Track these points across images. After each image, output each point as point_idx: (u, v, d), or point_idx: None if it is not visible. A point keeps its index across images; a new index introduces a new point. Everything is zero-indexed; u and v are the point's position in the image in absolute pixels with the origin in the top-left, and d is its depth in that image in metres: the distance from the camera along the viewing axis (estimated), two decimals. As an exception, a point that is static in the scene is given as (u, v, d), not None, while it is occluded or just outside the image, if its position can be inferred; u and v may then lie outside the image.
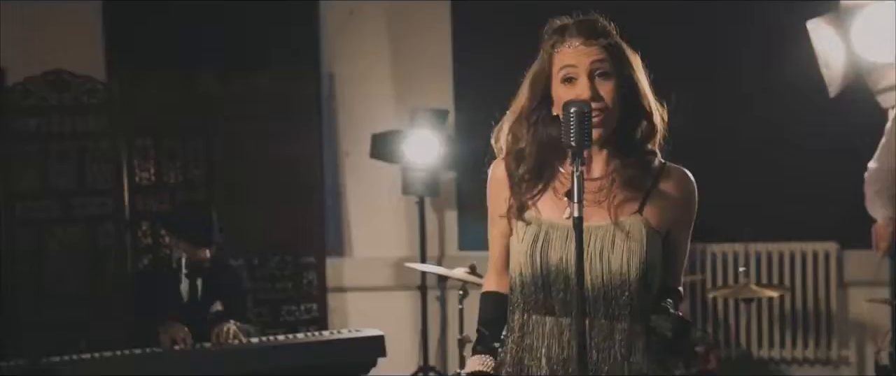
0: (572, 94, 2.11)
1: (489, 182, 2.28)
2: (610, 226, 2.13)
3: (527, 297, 2.18)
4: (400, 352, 5.05)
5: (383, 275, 5.56)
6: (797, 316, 5.40)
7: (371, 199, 5.62)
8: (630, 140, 2.17)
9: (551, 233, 2.13)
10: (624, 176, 2.15)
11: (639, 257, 2.11)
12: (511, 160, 2.21)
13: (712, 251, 5.41)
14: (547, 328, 2.17)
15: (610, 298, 2.12)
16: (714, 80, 5.34)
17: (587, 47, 2.13)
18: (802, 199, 5.29)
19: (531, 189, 2.18)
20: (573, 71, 2.13)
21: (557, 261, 2.12)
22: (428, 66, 5.60)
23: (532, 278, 2.15)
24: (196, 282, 4.23)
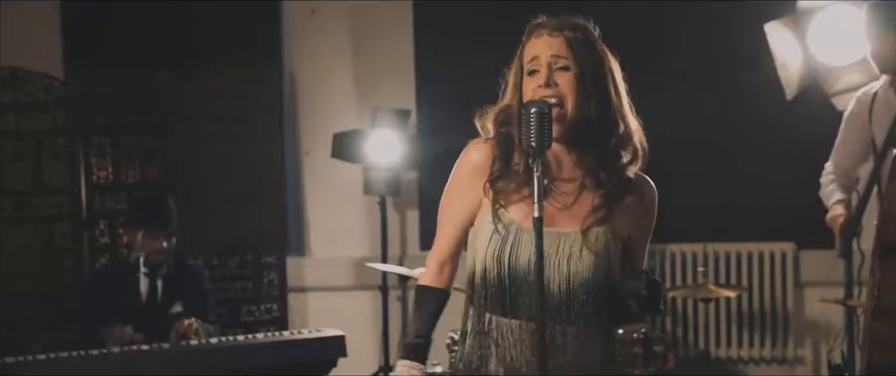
0: (533, 85, 2.13)
1: (465, 163, 2.22)
2: (577, 233, 2.13)
3: (491, 298, 2.17)
4: (361, 353, 5.04)
5: (344, 274, 5.55)
6: (754, 316, 5.46)
7: (332, 199, 5.60)
8: (602, 146, 2.16)
9: (521, 236, 2.13)
10: (594, 181, 2.16)
11: (604, 267, 2.14)
12: (497, 145, 2.19)
13: (671, 251, 5.46)
14: (511, 330, 2.16)
15: (574, 302, 2.13)
16: (672, 80, 5.38)
17: (551, 38, 2.16)
18: (760, 200, 5.35)
19: (509, 181, 2.16)
20: (536, 62, 2.15)
21: (525, 265, 2.12)
22: (390, 66, 5.60)
23: (498, 280, 2.14)
24: (156, 281, 4.20)
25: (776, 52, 4.30)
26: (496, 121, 2.20)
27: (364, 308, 5.54)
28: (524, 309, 2.14)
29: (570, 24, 2.18)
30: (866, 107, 3.93)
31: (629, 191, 2.19)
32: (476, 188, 2.19)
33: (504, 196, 2.16)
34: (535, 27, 2.19)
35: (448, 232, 2.24)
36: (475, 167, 2.20)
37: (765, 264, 5.45)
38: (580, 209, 2.15)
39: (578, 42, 2.16)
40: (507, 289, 2.14)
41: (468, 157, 2.22)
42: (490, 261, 2.14)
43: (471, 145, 2.23)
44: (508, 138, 2.18)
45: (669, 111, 5.37)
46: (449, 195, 2.24)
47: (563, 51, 2.15)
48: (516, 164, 2.16)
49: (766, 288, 5.45)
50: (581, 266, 2.12)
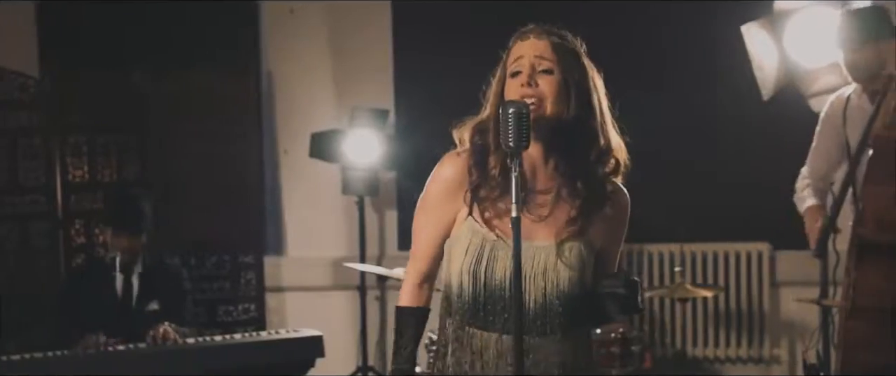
0: (515, 86, 2.13)
1: (439, 176, 2.21)
2: (552, 245, 2.13)
3: (465, 311, 2.16)
4: (339, 353, 5.03)
5: (322, 274, 5.54)
6: (731, 316, 5.49)
7: (310, 199, 5.59)
8: (580, 155, 2.16)
9: (496, 251, 2.12)
10: (570, 191, 2.16)
11: (579, 279, 2.13)
12: (472, 155, 2.18)
13: (648, 251, 5.48)
14: (487, 344, 2.16)
15: (549, 315, 2.13)
16: (649, 81, 5.40)
17: (537, 40, 2.17)
18: (736, 201, 5.38)
19: (488, 189, 2.15)
20: (520, 62, 2.15)
21: (501, 280, 2.11)
22: (368, 66, 5.59)
23: (473, 295, 2.14)
24: (132, 279, 4.18)
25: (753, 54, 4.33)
26: (473, 132, 2.19)
27: (342, 308, 5.53)
28: (500, 323, 2.13)
29: (557, 32, 2.19)
30: (840, 111, 3.96)
31: (605, 201, 2.19)
32: (451, 202, 2.18)
33: (486, 205, 2.15)
34: (521, 33, 2.20)
35: (424, 247, 2.23)
36: (449, 181, 2.19)
37: (741, 264, 5.48)
38: (555, 221, 2.15)
39: (563, 49, 2.16)
40: (483, 305, 2.13)
41: (442, 172, 2.20)
42: (465, 276, 2.13)
43: (444, 159, 2.22)
44: (483, 147, 2.17)
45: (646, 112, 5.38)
46: (424, 210, 2.23)
47: (547, 53, 2.15)
48: (492, 168, 2.15)
49: (743, 288, 5.48)
50: (557, 279, 2.12)
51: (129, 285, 4.18)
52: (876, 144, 3.66)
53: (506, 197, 2.13)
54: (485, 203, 2.15)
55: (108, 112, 5.18)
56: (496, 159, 2.15)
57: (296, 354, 4.07)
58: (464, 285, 2.14)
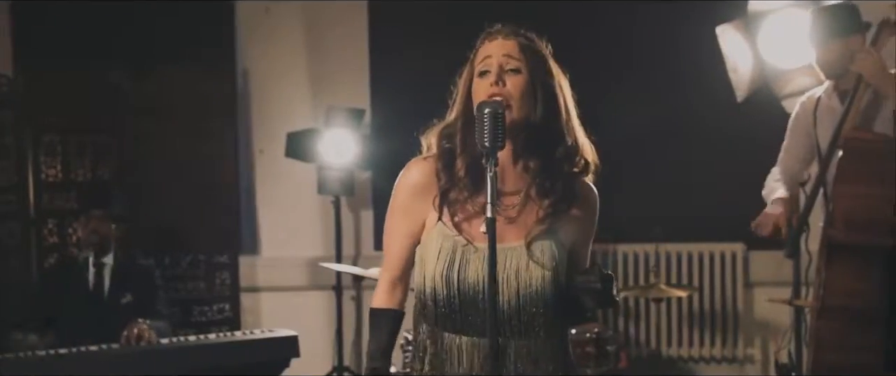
0: (483, 85, 2.13)
1: (406, 182, 2.21)
2: (523, 246, 2.13)
3: (440, 315, 2.16)
4: (314, 353, 5.02)
5: (298, 274, 5.52)
6: (705, 316, 5.53)
7: (285, 198, 5.58)
8: (548, 155, 2.16)
9: (468, 255, 2.12)
10: (539, 191, 2.16)
11: (552, 278, 2.13)
12: (439, 159, 2.18)
13: (623, 251, 5.50)
14: (461, 347, 2.15)
15: (524, 316, 2.13)
16: (623, 82, 5.43)
17: (505, 40, 2.17)
18: (710, 201, 5.41)
19: (458, 192, 2.15)
20: (488, 62, 2.15)
21: (474, 283, 2.11)
22: (344, 66, 5.58)
23: (447, 299, 2.13)
24: (103, 274, 4.17)
25: (727, 55, 4.36)
26: (440, 137, 2.19)
27: (318, 308, 5.51)
28: (474, 326, 2.13)
29: (524, 32, 2.20)
30: (810, 111, 3.99)
31: (574, 200, 2.19)
32: (419, 207, 2.18)
33: (455, 208, 2.15)
34: (488, 33, 2.20)
35: (395, 253, 2.23)
36: (416, 186, 2.19)
37: (715, 264, 5.51)
38: (525, 222, 2.15)
39: (531, 49, 2.17)
40: (457, 308, 2.13)
41: (408, 178, 2.21)
42: (439, 280, 2.13)
43: (410, 165, 2.22)
44: (450, 151, 2.17)
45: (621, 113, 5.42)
46: (393, 216, 2.23)
47: (515, 52, 2.15)
48: (459, 170, 2.15)
49: (717, 288, 5.51)
50: (530, 279, 2.12)
51: (101, 279, 4.18)
52: (846, 145, 3.69)
53: (474, 199, 2.14)
54: (454, 207, 2.15)
55: (82, 111, 5.15)
56: (463, 162, 2.15)
57: (271, 354, 4.05)
58: (437, 290, 2.14)
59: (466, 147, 2.16)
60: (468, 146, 2.15)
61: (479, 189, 2.13)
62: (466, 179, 2.14)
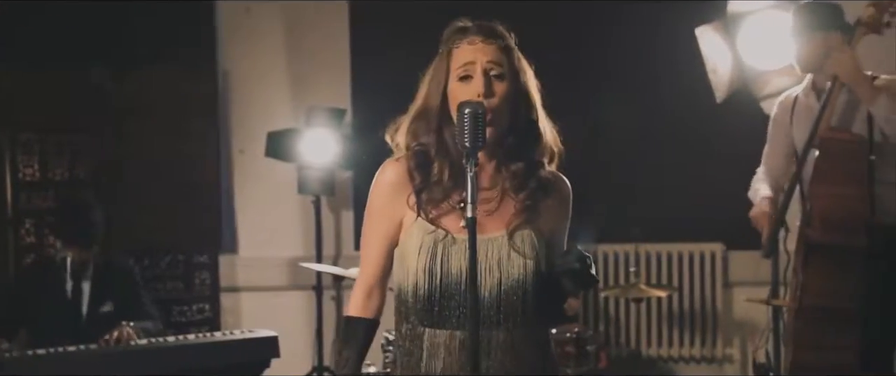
0: (468, 91, 2.12)
1: (380, 183, 2.21)
2: (504, 237, 2.15)
3: (420, 310, 2.16)
4: (294, 353, 5.01)
5: (278, 274, 5.51)
6: (684, 315, 5.55)
7: (266, 198, 5.56)
8: (520, 151, 2.18)
9: (449, 247, 2.13)
10: (516, 185, 2.18)
11: (534, 267, 2.15)
12: (412, 158, 2.18)
13: (603, 251, 5.52)
14: (440, 341, 2.16)
15: (505, 306, 2.14)
16: (604, 83, 5.45)
17: (485, 45, 2.16)
18: (690, 202, 5.44)
19: (433, 191, 2.16)
20: (471, 68, 2.14)
21: (457, 274, 2.12)
22: (326, 65, 5.57)
23: (428, 292, 2.13)
24: (82, 283, 4.12)
25: (706, 56, 4.38)
26: (409, 134, 2.20)
27: (298, 308, 5.50)
28: (455, 319, 2.14)
29: (499, 31, 2.19)
30: (788, 111, 4.01)
31: (549, 191, 2.22)
32: (395, 208, 2.19)
33: (430, 206, 2.16)
34: (463, 32, 2.19)
35: (373, 256, 2.23)
36: (391, 187, 2.19)
37: (694, 264, 5.54)
38: (504, 213, 2.17)
39: (509, 51, 2.18)
40: (437, 301, 2.13)
41: (382, 179, 2.21)
42: (421, 274, 2.13)
43: (383, 166, 2.22)
44: (423, 150, 2.18)
45: (601, 113, 5.45)
46: (369, 219, 2.23)
47: (498, 58, 2.15)
48: (436, 173, 2.16)
49: (696, 288, 5.54)
50: (511, 269, 2.13)
51: (79, 289, 4.12)
52: (822, 145, 3.72)
53: (450, 196, 2.15)
54: (429, 205, 2.16)
55: (61, 110, 5.11)
56: (439, 162, 2.16)
57: (251, 355, 4.04)
58: (419, 284, 2.14)
59: (442, 148, 2.17)
60: (444, 147, 2.16)
61: (455, 186, 2.15)
62: (442, 178, 2.16)
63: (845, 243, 3.61)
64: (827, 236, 3.64)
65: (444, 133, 2.17)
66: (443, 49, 2.20)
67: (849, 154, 3.69)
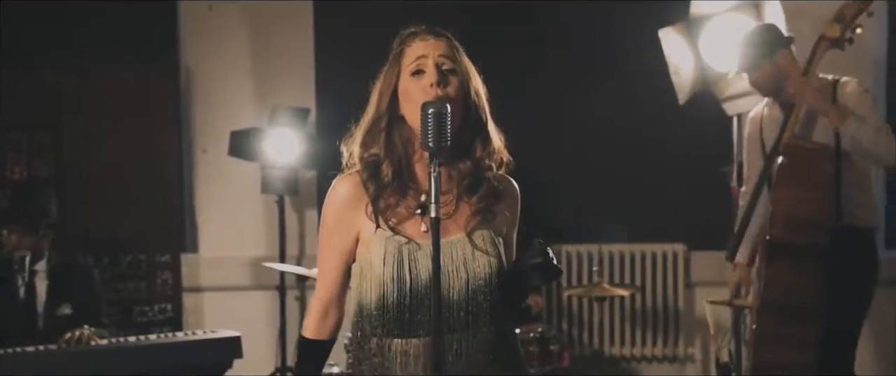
0: (420, 85, 2.13)
1: (334, 199, 2.20)
2: (464, 238, 2.16)
3: (387, 322, 2.15)
4: (257, 353, 4.98)
5: (241, 274, 5.48)
6: (647, 315, 5.59)
7: (229, 198, 5.53)
8: (470, 151, 2.19)
9: (415, 253, 2.13)
10: (469, 189, 2.19)
11: (497, 265, 2.16)
12: (364, 170, 2.18)
13: (567, 251, 5.54)
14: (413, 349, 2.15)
15: (473, 306, 2.14)
16: (567, 84, 5.48)
17: (436, 41, 2.18)
18: (653, 202, 5.48)
19: (388, 197, 2.16)
20: (423, 61, 2.15)
21: (426, 280, 2.11)
22: (290, 65, 5.55)
23: (398, 300, 2.12)
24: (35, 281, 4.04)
25: (670, 58, 4.41)
26: (362, 146, 2.20)
27: (261, 308, 5.47)
28: (424, 325, 2.13)
29: (448, 33, 2.22)
30: (757, 126, 4.09)
31: (499, 193, 2.23)
32: (351, 222, 2.18)
33: (388, 213, 2.16)
34: (413, 33, 2.21)
35: (330, 273, 2.23)
36: (346, 201, 2.19)
37: (657, 264, 5.58)
38: (461, 216, 2.18)
39: (458, 50, 2.20)
40: (408, 308, 2.13)
41: (335, 194, 2.21)
42: (389, 284, 2.12)
43: (335, 183, 2.22)
44: (375, 160, 2.18)
45: (564, 114, 5.48)
46: (325, 236, 2.23)
47: (449, 53, 2.18)
48: (385, 176, 2.16)
49: (659, 287, 5.58)
50: (477, 268, 2.14)
51: (32, 288, 4.04)
52: (786, 151, 3.77)
53: (405, 201, 2.16)
54: (387, 212, 2.16)
55: (19, 108, 5.05)
56: (389, 165, 2.16)
57: (213, 355, 4.01)
58: (386, 294, 2.13)
59: (391, 149, 2.17)
60: (393, 148, 2.17)
61: (408, 189, 2.16)
62: (394, 182, 2.16)
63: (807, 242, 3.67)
64: (789, 236, 3.69)
65: (394, 134, 2.17)
66: (394, 52, 2.22)
67: (813, 159, 3.76)
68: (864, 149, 3.71)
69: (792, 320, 3.70)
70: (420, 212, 2.14)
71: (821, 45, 3.79)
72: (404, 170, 2.17)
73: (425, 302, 2.12)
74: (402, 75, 2.17)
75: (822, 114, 3.75)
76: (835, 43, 3.78)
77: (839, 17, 3.76)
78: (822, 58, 3.80)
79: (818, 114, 3.78)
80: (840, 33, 3.76)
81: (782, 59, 3.86)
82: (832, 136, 3.84)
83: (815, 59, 3.80)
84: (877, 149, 3.69)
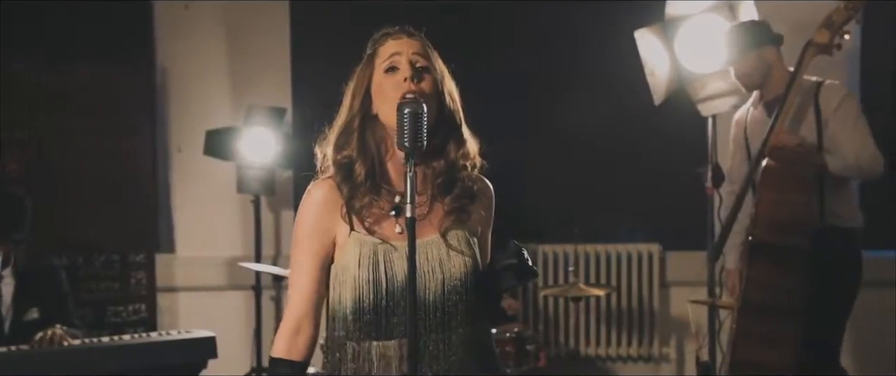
0: (394, 81, 2.13)
1: (309, 204, 2.19)
2: (439, 238, 2.16)
3: (364, 326, 2.14)
4: (233, 353, 4.96)
5: (216, 274, 5.45)
6: (622, 315, 5.61)
7: (204, 197, 5.50)
8: (444, 151, 2.19)
9: (389, 254, 2.12)
10: (443, 189, 2.19)
11: (473, 264, 2.16)
12: (338, 172, 2.17)
13: (543, 251, 5.56)
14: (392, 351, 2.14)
15: (448, 306, 2.14)
16: (543, 84, 5.49)
17: (410, 40, 2.19)
18: (629, 203, 5.50)
19: (364, 198, 2.15)
20: (397, 59, 2.16)
21: (403, 281, 2.10)
22: (266, 64, 5.53)
23: (374, 304, 2.11)
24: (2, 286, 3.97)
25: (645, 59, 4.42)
26: (335, 148, 2.18)
27: (237, 308, 5.45)
28: (401, 327, 2.12)
29: (419, 33, 2.22)
30: (742, 127, 4.13)
31: (474, 193, 2.23)
32: (327, 226, 2.17)
33: (363, 214, 2.15)
34: (387, 34, 2.22)
35: (304, 282, 2.18)
36: (321, 205, 2.17)
37: (632, 264, 5.60)
38: (435, 216, 2.18)
39: (432, 50, 2.21)
40: (384, 310, 2.12)
41: (311, 200, 2.19)
42: (365, 286, 2.11)
43: (309, 189, 2.21)
44: (348, 162, 2.17)
45: (540, 115, 5.49)
46: (300, 242, 2.19)
47: (423, 51, 2.18)
48: (358, 176, 2.16)
49: (634, 287, 5.60)
50: (453, 268, 2.14)
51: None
52: (772, 154, 3.81)
53: (379, 201, 2.16)
54: (361, 213, 2.15)
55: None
56: (362, 165, 2.16)
57: (188, 355, 3.99)
58: (363, 297, 2.12)
59: (364, 148, 2.17)
60: (366, 148, 2.17)
61: (381, 190, 2.16)
62: (367, 182, 2.15)
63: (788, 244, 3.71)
64: (771, 237, 3.73)
65: (367, 134, 2.17)
66: (368, 52, 2.23)
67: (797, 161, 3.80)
68: (852, 176, 3.86)
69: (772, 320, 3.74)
70: (394, 214, 2.14)
71: (809, 51, 3.83)
72: (377, 169, 2.17)
73: (402, 303, 2.11)
74: (376, 73, 2.18)
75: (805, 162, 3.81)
76: (823, 49, 3.81)
77: (828, 23, 3.79)
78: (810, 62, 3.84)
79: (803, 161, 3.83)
80: (829, 39, 3.79)
81: (769, 55, 3.90)
82: (814, 137, 3.88)
83: (803, 65, 3.83)
84: (862, 174, 3.86)
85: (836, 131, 3.85)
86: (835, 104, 3.88)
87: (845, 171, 3.83)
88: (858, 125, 3.86)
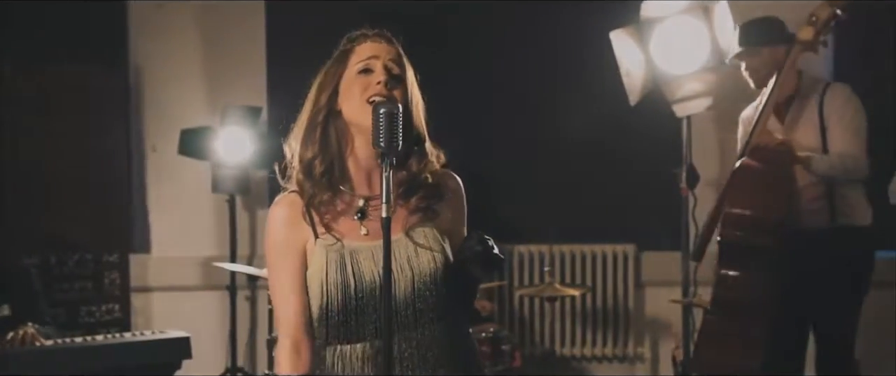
0: (367, 83, 2.13)
1: (276, 218, 2.17)
2: (404, 237, 2.14)
3: (332, 329, 2.12)
4: (207, 354, 4.93)
5: (190, 274, 5.42)
6: (597, 315, 5.63)
7: (178, 196, 5.47)
8: (406, 166, 2.18)
9: (356, 256, 2.11)
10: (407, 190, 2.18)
11: (442, 260, 2.15)
12: (302, 171, 2.16)
13: (519, 251, 5.56)
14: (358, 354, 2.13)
15: (421, 304, 2.13)
16: (518, 85, 5.50)
17: (388, 46, 2.19)
18: (604, 203, 5.52)
19: (324, 196, 2.14)
20: (373, 61, 2.15)
21: (370, 280, 2.10)
22: (241, 63, 5.50)
23: (342, 305, 2.10)
24: None
25: (621, 60, 4.44)
26: (301, 145, 2.17)
27: (211, 308, 5.43)
28: (370, 327, 2.11)
29: (397, 42, 2.21)
30: (748, 125, 4.14)
31: (439, 191, 2.22)
32: (296, 237, 2.16)
33: (323, 212, 2.15)
34: (365, 35, 2.21)
35: (289, 300, 2.16)
36: (287, 217, 2.16)
37: (608, 264, 5.62)
38: (401, 216, 2.16)
39: (404, 57, 2.20)
40: (352, 312, 2.11)
41: (276, 214, 2.18)
42: (332, 290, 2.09)
43: (274, 204, 2.20)
44: (309, 162, 2.16)
45: (514, 115, 5.49)
46: (274, 261, 2.18)
47: (398, 60, 2.18)
48: (317, 168, 2.15)
49: (609, 287, 5.62)
50: (422, 264, 2.13)
51: None
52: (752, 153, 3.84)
53: (339, 197, 2.15)
54: (321, 210, 2.15)
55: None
56: (322, 160, 2.15)
57: (162, 356, 3.95)
58: (331, 301, 2.11)
59: (326, 144, 2.16)
60: (328, 143, 2.16)
61: (340, 190, 2.15)
62: (325, 179, 2.15)
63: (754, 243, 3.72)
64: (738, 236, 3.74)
65: (330, 130, 2.16)
66: (341, 50, 2.22)
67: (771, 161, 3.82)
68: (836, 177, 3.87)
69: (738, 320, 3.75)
70: (359, 217, 2.13)
71: (794, 49, 3.85)
72: (337, 167, 2.16)
73: (370, 304, 2.10)
74: (348, 71, 2.17)
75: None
76: (808, 46, 3.84)
77: (812, 21, 3.81)
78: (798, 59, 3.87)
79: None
80: (813, 36, 3.82)
81: (779, 54, 3.92)
82: (817, 138, 3.91)
83: (789, 63, 3.85)
84: (846, 176, 3.88)
85: (830, 132, 3.87)
86: (835, 105, 3.91)
87: (831, 170, 3.85)
88: (851, 128, 3.88)
